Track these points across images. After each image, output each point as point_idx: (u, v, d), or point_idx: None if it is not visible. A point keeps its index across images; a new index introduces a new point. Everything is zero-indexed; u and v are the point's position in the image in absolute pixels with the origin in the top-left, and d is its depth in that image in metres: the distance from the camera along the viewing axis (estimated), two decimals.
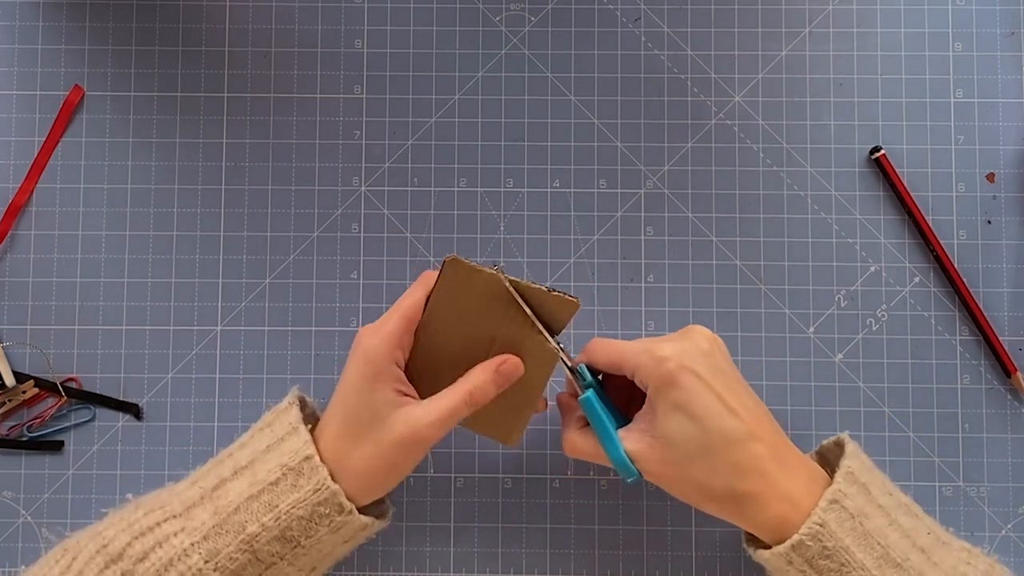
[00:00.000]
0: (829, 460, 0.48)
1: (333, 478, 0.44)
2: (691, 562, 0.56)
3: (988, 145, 0.58)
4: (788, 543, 0.43)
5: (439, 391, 0.47)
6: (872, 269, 0.58)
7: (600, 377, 0.50)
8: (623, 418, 0.48)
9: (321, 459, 0.45)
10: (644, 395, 0.47)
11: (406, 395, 0.46)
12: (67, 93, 0.59)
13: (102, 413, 0.57)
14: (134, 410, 0.57)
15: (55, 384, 0.57)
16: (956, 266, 0.57)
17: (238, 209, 0.59)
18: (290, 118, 0.59)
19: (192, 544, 0.43)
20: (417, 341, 0.48)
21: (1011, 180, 0.58)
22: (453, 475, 0.57)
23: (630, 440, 0.46)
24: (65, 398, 0.57)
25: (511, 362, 0.47)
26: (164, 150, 0.59)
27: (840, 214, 0.58)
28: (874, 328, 0.57)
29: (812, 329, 0.57)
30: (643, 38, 0.59)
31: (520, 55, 0.59)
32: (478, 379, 0.46)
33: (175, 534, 0.44)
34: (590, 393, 0.48)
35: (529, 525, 0.57)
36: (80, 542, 0.45)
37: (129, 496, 0.47)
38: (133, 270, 0.58)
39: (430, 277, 0.48)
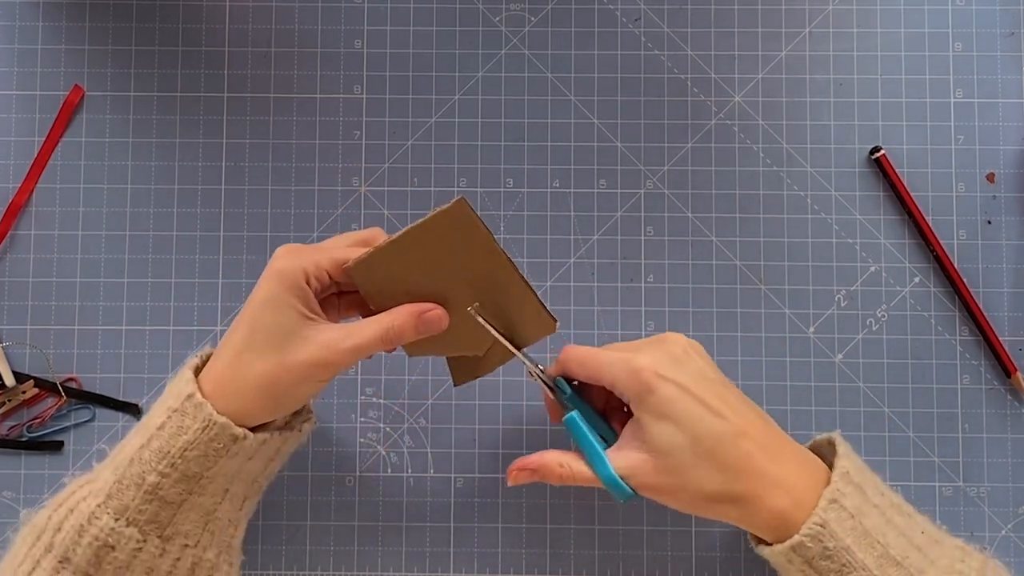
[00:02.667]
0: (822, 456, 0.48)
1: (220, 411, 0.43)
2: (691, 562, 0.56)
3: (988, 145, 0.58)
4: (788, 543, 0.43)
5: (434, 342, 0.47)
6: (872, 269, 0.58)
7: (576, 383, 0.49)
8: (607, 427, 0.48)
9: (204, 393, 0.44)
10: (619, 402, 0.47)
11: (316, 314, 0.45)
12: (67, 93, 0.59)
13: (102, 413, 0.57)
14: (134, 410, 0.57)
15: (55, 384, 0.57)
16: (956, 266, 0.57)
17: (238, 209, 0.59)
18: (290, 118, 0.59)
19: (99, 505, 0.43)
20: (390, 267, 0.46)
21: (1011, 180, 0.58)
22: (453, 475, 0.57)
23: (620, 458, 0.45)
24: (65, 398, 0.57)
25: (435, 313, 0.45)
26: (164, 150, 0.59)
27: (840, 214, 0.58)
28: (874, 328, 0.57)
29: (812, 329, 0.57)
30: (643, 38, 0.59)
31: (520, 55, 0.59)
32: (399, 318, 0.45)
33: (84, 499, 0.44)
34: (574, 413, 0.47)
35: (529, 525, 0.57)
36: (23, 533, 0.45)
37: (66, 479, 0.47)
38: (133, 270, 0.58)
39: (377, 235, 0.47)
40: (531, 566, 0.56)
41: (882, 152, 0.58)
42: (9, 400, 0.56)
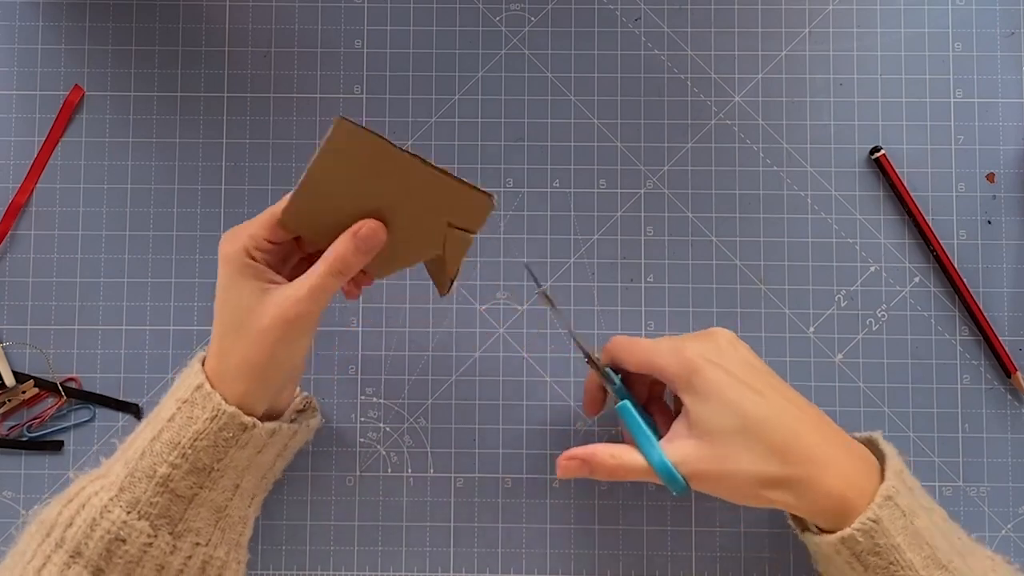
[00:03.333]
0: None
1: (227, 400, 0.44)
2: (691, 562, 0.56)
3: (988, 145, 0.58)
4: (838, 535, 0.43)
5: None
6: (872, 269, 0.58)
7: (620, 375, 0.50)
8: (651, 422, 0.48)
9: (212, 384, 0.44)
10: (660, 393, 0.47)
11: (271, 281, 0.45)
12: (67, 93, 0.59)
13: (102, 413, 0.57)
14: (134, 410, 0.57)
15: (55, 384, 0.57)
16: (956, 266, 0.57)
17: (238, 209, 0.59)
18: (290, 118, 0.59)
19: (111, 499, 0.43)
20: (314, 205, 0.45)
21: (1011, 180, 0.58)
22: (453, 475, 0.57)
23: (672, 447, 0.45)
24: (65, 398, 0.57)
25: (368, 226, 0.45)
26: (164, 150, 0.59)
27: (840, 214, 0.58)
28: (874, 328, 0.57)
29: (812, 329, 0.57)
30: (643, 38, 0.59)
31: (520, 55, 0.59)
32: (338, 248, 0.45)
33: (95, 493, 0.44)
34: (627, 401, 0.47)
35: (529, 525, 0.57)
36: (31, 528, 0.45)
37: (70, 473, 0.47)
38: (133, 270, 0.58)
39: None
40: (531, 566, 0.56)
41: (882, 152, 0.58)
42: (9, 400, 0.56)
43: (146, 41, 0.59)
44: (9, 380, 0.56)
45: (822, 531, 0.45)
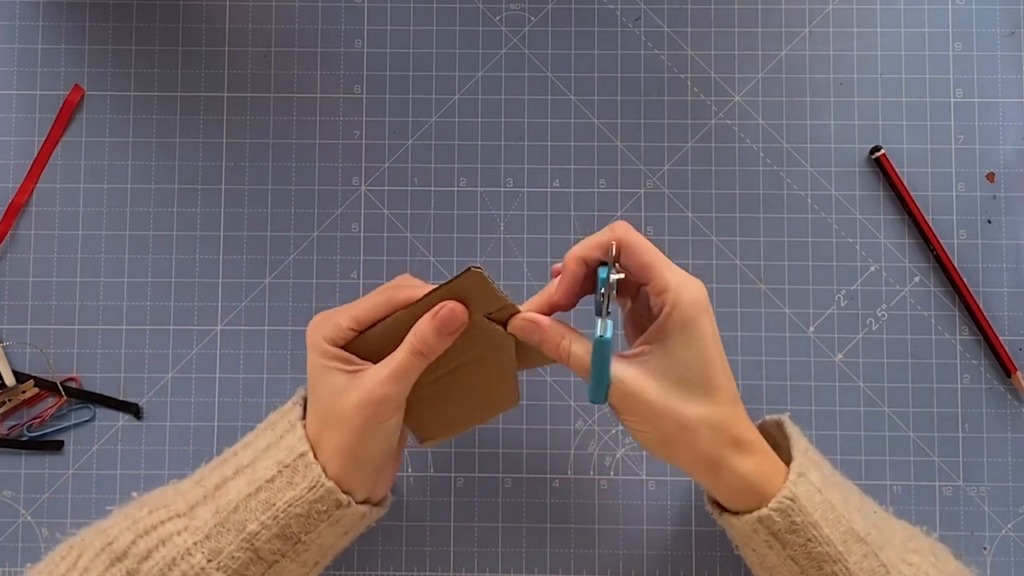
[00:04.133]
0: (771, 435, 0.49)
1: (327, 474, 0.44)
2: (691, 562, 0.56)
3: (988, 145, 0.58)
4: (755, 515, 0.43)
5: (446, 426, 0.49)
6: (872, 269, 0.58)
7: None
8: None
9: (315, 456, 0.45)
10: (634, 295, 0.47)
11: (357, 367, 0.46)
12: (67, 93, 0.59)
13: (102, 413, 0.57)
14: (134, 410, 0.57)
15: (55, 384, 0.57)
16: (956, 266, 0.57)
17: (238, 209, 0.59)
18: (290, 118, 0.59)
19: (195, 543, 0.43)
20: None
21: (1011, 180, 0.58)
22: (453, 475, 0.57)
23: (626, 364, 0.44)
24: (65, 398, 0.57)
25: (448, 307, 0.45)
26: (164, 150, 0.59)
27: (840, 214, 0.58)
28: (874, 328, 0.57)
29: (812, 329, 0.57)
30: (643, 38, 0.59)
31: (520, 55, 0.59)
32: (420, 328, 0.45)
33: (178, 533, 0.44)
34: (609, 338, 0.44)
35: (529, 525, 0.57)
36: (85, 539, 0.45)
37: (134, 494, 0.47)
38: (133, 270, 0.58)
39: (394, 290, 0.47)
40: (531, 566, 0.56)
41: (882, 152, 0.58)
42: (9, 400, 0.56)
43: (146, 41, 0.59)
44: (9, 380, 0.56)
45: (737, 512, 0.45)
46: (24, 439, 0.57)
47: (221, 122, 0.59)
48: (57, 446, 0.57)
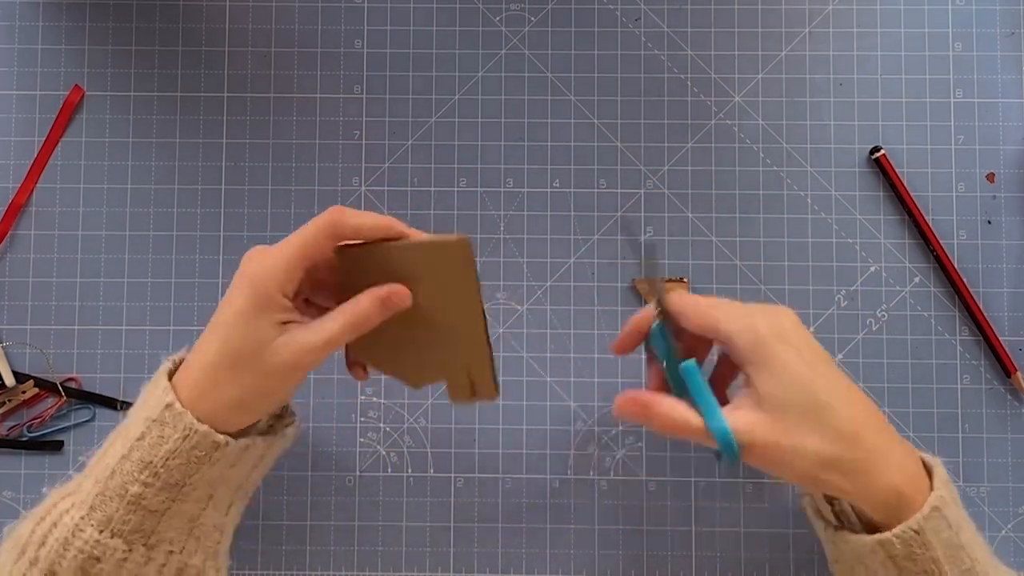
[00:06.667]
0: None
1: (200, 419, 0.43)
2: (691, 562, 0.56)
3: (988, 145, 0.58)
4: (876, 538, 0.43)
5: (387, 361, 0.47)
6: (872, 269, 0.58)
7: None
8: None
9: (182, 401, 0.43)
10: (704, 356, 0.47)
11: (290, 320, 0.44)
12: (67, 93, 0.59)
13: (102, 413, 0.57)
14: None
15: (55, 384, 0.57)
16: (956, 266, 0.57)
17: (238, 209, 0.59)
18: (290, 118, 0.59)
19: (82, 517, 0.43)
20: (371, 266, 0.46)
21: (1011, 180, 0.58)
22: (453, 475, 0.57)
23: (736, 415, 0.43)
24: (65, 398, 0.57)
25: (397, 292, 0.45)
26: (164, 150, 0.59)
27: (840, 214, 0.58)
28: (874, 328, 0.57)
29: (812, 329, 0.57)
30: (643, 38, 0.59)
31: (520, 55, 0.59)
32: (362, 306, 0.44)
33: (67, 511, 0.43)
34: (693, 361, 0.45)
35: (529, 525, 0.57)
36: (4, 545, 0.45)
37: (44, 489, 0.47)
38: (133, 270, 0.58)
39: (337, 212, 0.45)
40: (531, 566, 0.56)
41: (882, 152, 0.58)
42: (9, 400, 0.56)
43: (146, 41, 0.59)
44: (9, 380, 0.56)
45: (863, 529, 0.45)
46: (24, 439, 0.57)
47: (221, 122, 0.59)
48: (57, 446, 0.57)
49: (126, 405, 0.57)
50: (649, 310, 0.47)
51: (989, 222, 0.58)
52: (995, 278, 0.57)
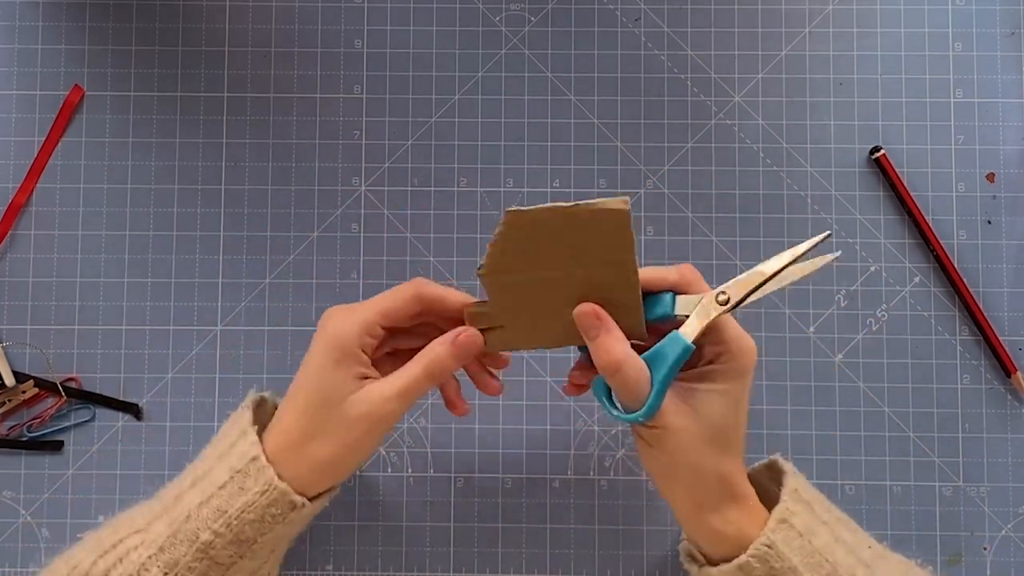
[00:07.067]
0: (760, 482, 0.48)
1: (281, 476, 0.43)
2: None
3: (988, 145, 0.58)
4: (735, 563, 0.43)
5: (526, 337, 0.45)
6: (872, 269, 0.58)
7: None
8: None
9: (268, 457, 0.43)
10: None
11: (369, 376, 0.45)
12: (67, 93, 0.59)
13: (102, 413, 0.57)
14: (134, 410, 0.57)
15: (55, 384, 0.57)
16: (956, 266, 0.57)
17: (238, 209, 0.59)
18: (290, 118, 0.59)
19: (150, 556, 0.43)
20: (493, 296, 0.45)
21: (1011, 180, 0.58)
22: (453, 475, 0.57)
23: (671, 394, 0.43)
24: (65, 398, 0.57)
25: (468, 334, 0.44)
26: (164, 150, 0.59)
27: (840, 214, 0.58)
28: (874, 328, 0.57)
29: (812, 329, 0.57)
30: (643, 38, 0.59)
31: (520, 55, 0.59)
32: (435, 352, 0.44)
33: (135, 548, 0.43)
34: (680, 332, 0.43)
35: (529, 525, 0.57)
36: (54, 568, 0.45)
37: (101, 518, 0.47)
38: (133, 270, 0.58)
39: (421, 285, 0.46)
40: (531, 566, 0.56)
41: (882, 152, 0.58)
42: (9, 400, 0.56)
43: (146, 41, 0.59)
44: (9, 380, 0.56)
45: (716, 563, 0.45)
46: (24, 439, 0.57)
47: (221, 122, 0.59)
48: (57, 446, 0.57)
49: (126, 405, 0.57)
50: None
51: (989, 222, 0.58)
52: (995, 278, 0.57)
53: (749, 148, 0.59)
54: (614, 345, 0.43)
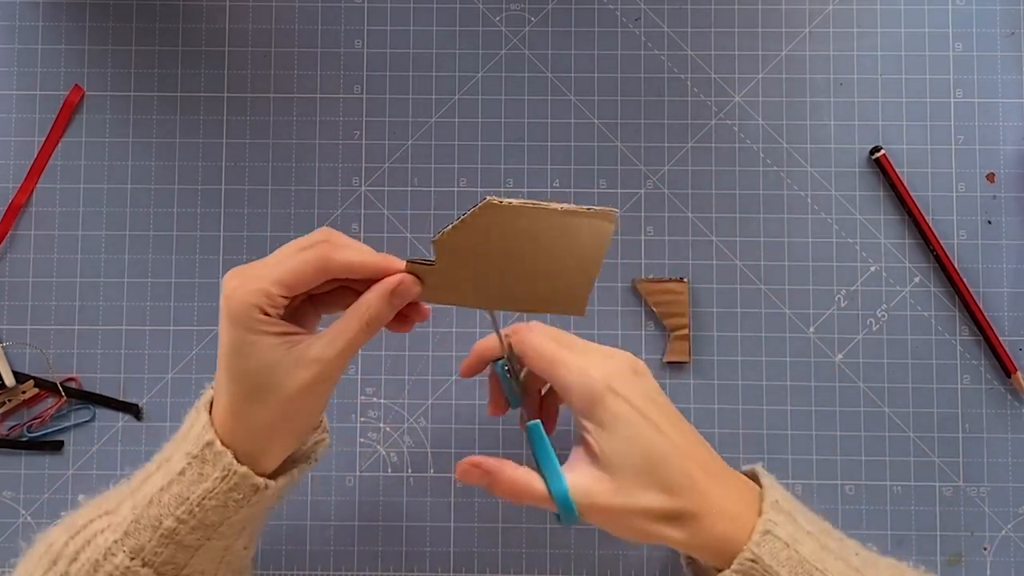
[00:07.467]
0: None
1: (238, 457, 0.42)
2: None
3: (988, 145, 0.58)
4: (722, 575, 0.42)
5: (462, 296, 0.45)
6: (872, 269, 0.58)
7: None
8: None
9: (223, 440, 0.42)
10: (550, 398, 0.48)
11: (291, 333, 0.42)
12: (67, 93, 0.59)
13: (102, 413, 0.57)
14: (134, 410, 0.57)
15: (55, 384, 0.57)
16: (956, 266, 0.57)
17: (238, 209, 0.59)
18: (290, 118, 0.59)
19: (115, 541, 0.42)
20: (442, 260, 0.44)
21: (1011, 180, 0.58)
22: (453, 475, 0.57)
23: (573, 478, 0.43)
24: (65, 398, 0.57)
25: (406, 284, 0.43)
26: (164, 150, 0.59)
27: (840, 214, 0.58)
28: (874, 328, 0.57)
29: (812, 329, 0.57)
30: (643, 38, 0.59)
31: (520, 55, 0.59)
32: (373, 307, 0.43)
33: (101, 531, 0.43)
34: (539, 421, 0.45)
35: (529, 525, 0.57)
36: (36, 545, 0.45)
37: (81, 497, 0.46)
38: (133, 270, 0.58)
39: (328, 250, 0.43)
40: (531, 566, 0.56)
41: (882, 152, 0.58)
42: (9, 400, 0.56)
43: (146, 41, 0.59)
44: (9, 380, 0.56)
45: (717, 569, 0.44)
46: (24, 439, 0.57)
47: (221, 122, 0.59)
48: (57, 446, 0.57)
49: (126, 405, 0.57)
50: (493, 340, 0.47)
51: (989, 222, 0.58)
52: (995, 278, 0.57)
53: (749, 148, 0.59)
54: (504, 487, 0.44)
